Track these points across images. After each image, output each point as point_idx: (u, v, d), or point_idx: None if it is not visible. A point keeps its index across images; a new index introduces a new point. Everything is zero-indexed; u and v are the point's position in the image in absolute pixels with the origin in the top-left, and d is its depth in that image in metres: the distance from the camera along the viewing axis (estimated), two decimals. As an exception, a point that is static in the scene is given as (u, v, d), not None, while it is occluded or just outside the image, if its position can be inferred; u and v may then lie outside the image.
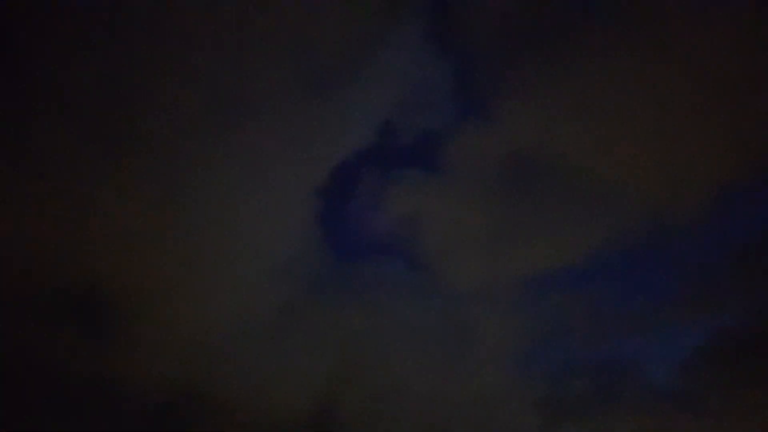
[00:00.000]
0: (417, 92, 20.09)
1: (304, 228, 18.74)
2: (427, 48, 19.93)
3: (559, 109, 17.71)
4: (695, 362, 19.62)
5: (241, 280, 16.73)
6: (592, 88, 17.34)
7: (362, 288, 20.39)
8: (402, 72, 19.82)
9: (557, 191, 19.64)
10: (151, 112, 13.95)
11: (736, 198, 18.24)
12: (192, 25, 13.70)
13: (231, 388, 15.62)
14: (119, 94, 13.50)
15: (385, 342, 19.58)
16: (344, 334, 19.68)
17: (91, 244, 13.50)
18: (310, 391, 18.53)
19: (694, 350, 19.43)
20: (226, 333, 16.08)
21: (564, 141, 18.17)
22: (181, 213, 14.71)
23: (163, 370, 14.80)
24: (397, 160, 21.66)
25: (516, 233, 20.51)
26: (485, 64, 18.13)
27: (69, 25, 12.73)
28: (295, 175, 17.25)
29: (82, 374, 13.55)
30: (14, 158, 12.75)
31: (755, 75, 15.59)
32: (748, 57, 15.56)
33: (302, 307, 18.74)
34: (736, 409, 19.12)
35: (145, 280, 14.64)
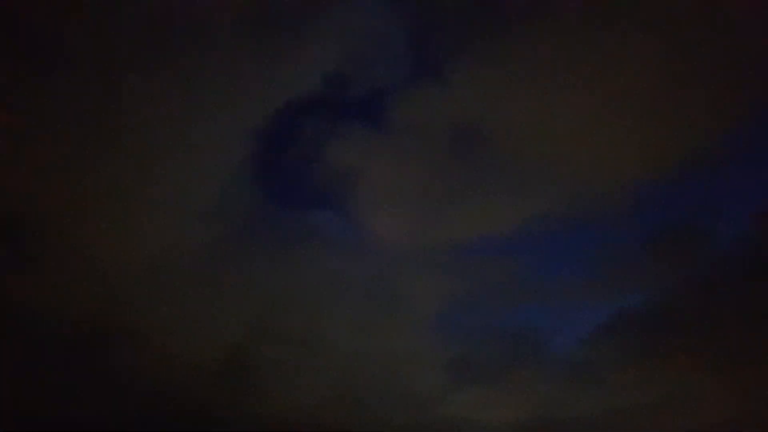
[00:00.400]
0: (370, 47, 19.73)
1: (239, 170, 18.31)
2: (384, 4, 19.56)
3: (509, 82, 17.97)
4: (597, 337, 21.08)
5: (169, 216, 16.28)
6: (543, 67, 17.66)
7: (293, 238, 20.29)
8: (357, 25, 19.39)
9: (495, 162, 20.10)
10: (85, 42, 13.10)
11: (651, 191, 19.56)
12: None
13: (149, 324, 15.39)
14: (47, 23, 12.59)
15: (310, 295, 19.71)
16: (270, 282, 19.61)
17: (16, 172, 12.76)
18: (229, 336, 18.50)
19: (597, 326, 20.86)
20: (150, 268, 15.71)
21: (508, 114, 18.49)
22: (111, 144, 14.05)
23: (83, 300, 14.38)
24: (344, 112, 21.38)
25: (451, 198, 20.92)
26: (442, 28, 18.03)
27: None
28: (234, 114, 16.73)
29: (1, 301, 13.04)
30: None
31: (683, 79, 16.43)
32: (678, 62, 16.36)
33: (230, 250, 18.48)
34: (629, 382, 20.76)
35: (69, 210, 14.02)
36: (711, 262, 19.89)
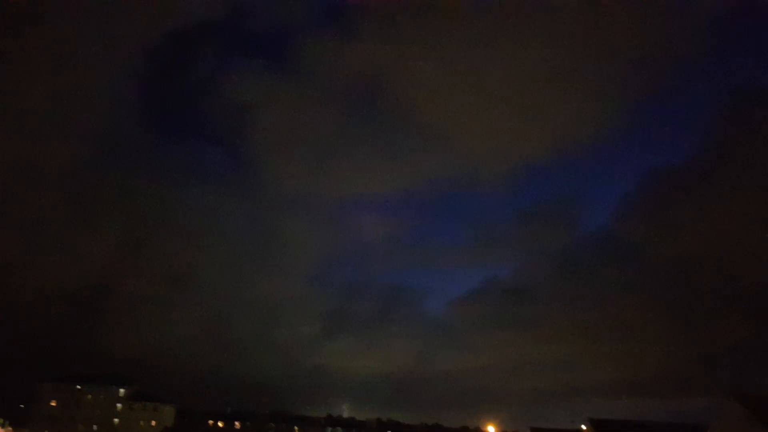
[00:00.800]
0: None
1: (121, 90, 17.41)
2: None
3: (417, 45, 18.95)
4: (467, 302, 25.00)
5: (35, 134, 15.21)
6: (447, 44, 18.76)
7: (173, 168, 19.90)
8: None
9: (393, 122, 21.27)
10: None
11: (532, 173, 23.05)
12: None
13: (7, 254, 14.56)
14: None
15: (183, 230, 19.58)
16: (146, 212, 19.24)
17: None
18: (90, 267, 17.98)
19: (468, 291, 24.74)
20: (11, 189, 14.71)
21: (412, 77, 19.60)
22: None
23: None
24: (244, 45, 21.03)
25: (345, 151, 21.92)
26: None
27: None
28: (123, 31, 15.82)
29: None
30: None
31: (564, 73, 18.44)
32: (562, 63, 18.31)
33: (100, 174, 17.70)
34: (489, 344, 25.30)
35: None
36: (574, 243, 23.82)
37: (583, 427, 21.37)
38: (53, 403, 45.20)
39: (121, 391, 46.19)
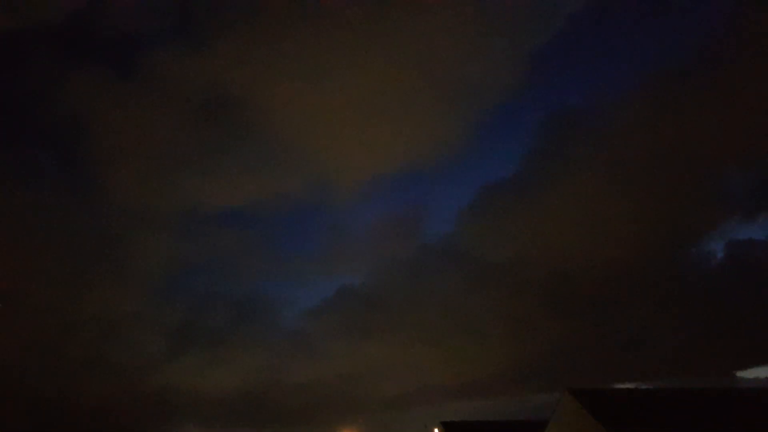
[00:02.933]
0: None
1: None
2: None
3: (267, 62, 18.61)
4: (320, 311, 24.81)
5: None
6: (300, 58, 18.69)
7: (7, 174, 17.48)
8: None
9: (244, 136, 20.71)
10: None
11: (380, 185, 23.95)
12: None
13: None
14: None
15: (11, 241, 17.28)
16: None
17: None
18: None
19: (323, 301, 24.73)
20: None
21: (262, 92, 19.22)
22: None
23: None
24: (88, 51, 19.29)
25: (193, 161, 20.82)
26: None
27: None
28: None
29: None
30: None
31: (424, 95, 19.32)
32: (413, 78, 19.19)
33: None
34: (342, 353, 25.05)
35: None
36: (420, 250, 24.91)
37: (436, 430, 22.15)
38: None
39: None
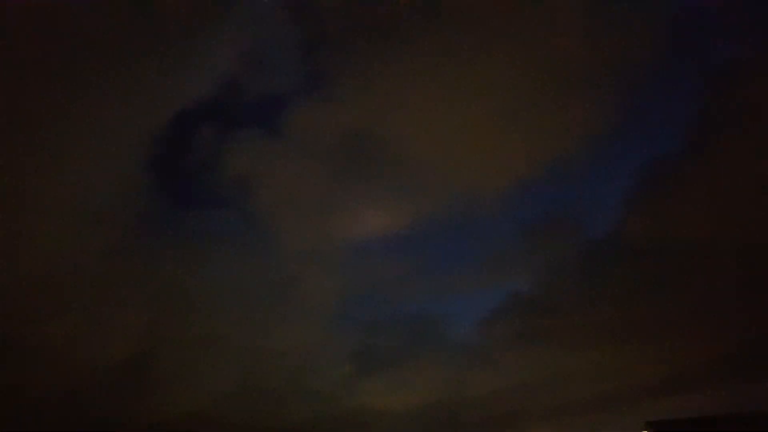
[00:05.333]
0: (266, 54, 20.02)
1: (135, 174, 17.83)
2: (279, 14, 19.79)
3: (392, 96, 19.10)
4: (489, 321, 22.41)
5: (63, 222, 15.59)
6: (422, 83, 18.94)
7: (190, 239, 20.04)
8: (251, 33, 19.47)
9: (384, 168, 21.11)
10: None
11: (529, 187, 21.51)
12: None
13: (46, 336, 14.68)
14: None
15: (208, 295, 19.59)
16: (169, 283, 19.26)
17: None
18: (128, 341, 17.99)
19: (489, 311, 22.19)
20: (47, 276, 14.96)
21: (393, 124, 19.66)
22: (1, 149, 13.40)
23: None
24: (239, 118, 21.46)
25: (345, 201, 21.64)
26: (333, 40, 18.67)
27: None
28: (128, 119, 16.36)
29: None
30: None
31: (553, 87, 18.31)
32: (547, 80, 18.20)
33: (126, 253, 17.97)
34: (521, 362, 22.11)
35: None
36: (582, 248, 22.06)
37: (644, 432, 19.53)
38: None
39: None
